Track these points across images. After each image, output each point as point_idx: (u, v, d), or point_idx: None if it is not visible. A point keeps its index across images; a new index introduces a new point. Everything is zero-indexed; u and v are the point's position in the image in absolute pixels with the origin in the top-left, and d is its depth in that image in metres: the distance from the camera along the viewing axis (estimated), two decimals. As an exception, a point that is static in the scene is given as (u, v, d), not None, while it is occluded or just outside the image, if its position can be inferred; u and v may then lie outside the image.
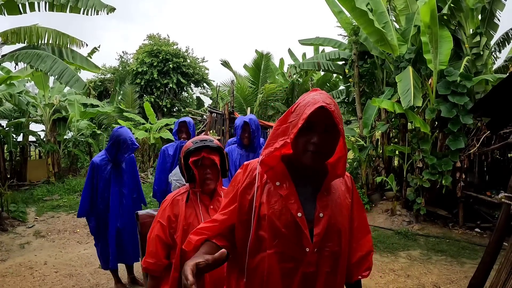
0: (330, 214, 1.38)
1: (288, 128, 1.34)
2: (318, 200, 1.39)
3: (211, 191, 2.23)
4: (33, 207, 8.86)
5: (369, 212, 8.29)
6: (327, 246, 1.36)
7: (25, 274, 5.17)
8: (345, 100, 11.07)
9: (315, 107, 1.27)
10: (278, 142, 1.34)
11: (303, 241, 1.33)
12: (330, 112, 1.29)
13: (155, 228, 2.16)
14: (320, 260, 1.35)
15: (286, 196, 1.35)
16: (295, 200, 1.35)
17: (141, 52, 18.76)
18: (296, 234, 1.33)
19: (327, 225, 1.36)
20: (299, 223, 1.33)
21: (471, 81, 6.96)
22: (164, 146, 4.70)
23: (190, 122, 4.68)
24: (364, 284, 4.94)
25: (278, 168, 1.40)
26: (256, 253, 1.37)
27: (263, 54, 15.68)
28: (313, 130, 1.32)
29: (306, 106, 1.30)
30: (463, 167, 7.21)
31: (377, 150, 9.12)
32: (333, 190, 1.44)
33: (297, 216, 1.33)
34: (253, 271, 1.38)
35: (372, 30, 8.05)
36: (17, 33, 7.78)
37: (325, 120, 1.31)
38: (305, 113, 1.27)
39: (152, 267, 2.11)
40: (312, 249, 1.33)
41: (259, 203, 1.38)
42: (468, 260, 5.63)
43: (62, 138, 13.15)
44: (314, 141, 1.31)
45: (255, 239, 1.37)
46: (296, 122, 1.30)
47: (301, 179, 1.41)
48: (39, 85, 12.18)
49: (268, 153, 1.36)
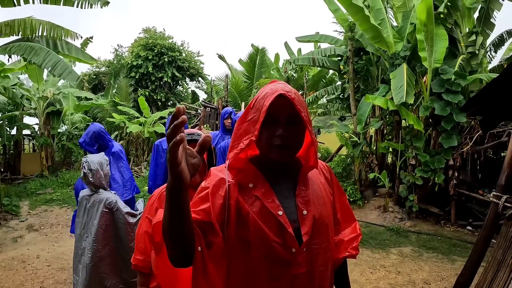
0: (313, 210, 1.30)
1: (249, 125, 1.25)
2: (297, 197, 1.30)
3: (197, 184, 2.20)
4: (27, 201, 8.84)
5: (361, 208, 8.34)
6: (315, 243, 1.28)
7: (17, 268, 5.17)
8: (340, 96, 11.07)
9: (274, 96, 1.20)
10: (242, 142, 1.25)
11: (288, 241, 1.23)
12: (290, 99, 1.21)
13: (144, 224, 2.12)
14: (312, 260, 1.27)
15: (262, 196, 1.26)
16: (272, 199, 1.26)
17: (136, 46, 18.63)
18: (280, 234, 1.23)
19: (313, 222, 1.28)
20: (282, 221, 1.23)
21: (465, 80, 7.00)
22: (157, 141, 4.64)
23: None
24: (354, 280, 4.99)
25: (248, 169, 1.31)
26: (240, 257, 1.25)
27: (259, 49, 15.65)
28: (276, 122, 1.24)
29: (264, 98, 1.23)
30: (455, 165, 7.26)
31: (370, 147, 9.15)
32: (311, 184, 1.36)
33: (278, 214, 1.24)
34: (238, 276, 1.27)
35: (368, 26, 8.06)
36: (11, 25, 7.70)
37: (286, 109, 1.23)
38: (264, 106, 1.20)
39: (142, 264, 2.09)
40: (301, 250, 1.24)
41: (235, 202, 1.26)
42: (459, 258, 5.68)
43: (56, 131, 13.10)
44: (279, 133, 1.23)
45: (237, 241, 1.25)
46: (257, 117, 1.22)
47: (275, 178, 1.32)
48: (33, 78, 12.11)
49: (234, 155, 1.26)
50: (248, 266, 1.25)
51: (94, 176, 3.06)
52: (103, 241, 2.97)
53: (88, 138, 4.13)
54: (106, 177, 3.13)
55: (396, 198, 8.05)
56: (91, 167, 3.06)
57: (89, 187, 3.12)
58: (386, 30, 8.19)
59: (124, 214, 3.03)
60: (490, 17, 8.17)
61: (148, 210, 2.15)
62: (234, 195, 1.26)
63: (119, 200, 3.10)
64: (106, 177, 3.13)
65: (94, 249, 2.96)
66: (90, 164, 3.07)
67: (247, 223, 1.24)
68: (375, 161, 8.89)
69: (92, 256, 2.96)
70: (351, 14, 8.29)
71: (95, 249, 2.96)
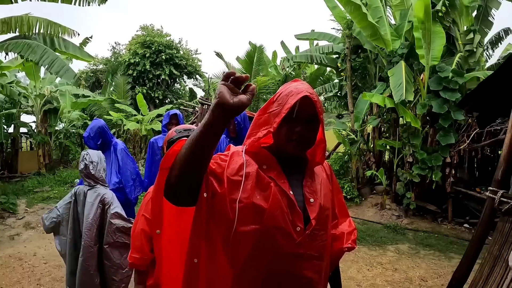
0: (319, 200, 1.40)
1: (270, 117, 1.34)
2: (304, 187, 1.40)
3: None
4: (24, 199, 8.81)
5: (358, 206, 8.35)
6: (316, 229, 1.37)
7: (14, 266, 5.16)
8: (338, 94, 11.08)
9: (299, 96, 1.28)
10: (261, 131, 1.35)
11: (295, 218, 1.32)
12: (314, 102, 1.31)
13: (140, 222, 2.11)
14: (309, 243, 1.35)
15: (276, 177, 1.35)
16: (284, 180, 1.36)
17: (134, 43, 18.61)
18: (289, 211, 1.32)
19: (319, 209, 1.38)
20: (292, 199, 1.33)
21: (463, 78, 7.02)
22: (152, 139, 4.59)
23: (180, 115, 4.64)
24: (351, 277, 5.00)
25: (262, 153, 1.41)
26: (249, 224, 1.29)
27: (256, 46, 15.61)
28: (296, 119, 1.32)
29: (289, 95, 1.31)
30: (453, 162, 7.28)
31: (368, 144, 9.16)
32: (316, 177, 1.47)
33: (290, 193, 1.33)
34: (243, 245, 1.30)
35: (365, 24, 8.05)
36: (8, 22, 7.65)
37: (308, 109, 1.32)
38: (288, 103, 1.29)
39: (139, 262, 2.07)
40: (305, 231, 1.32)
41: (256, 171, 1.34)
42: (456, 255, 5.69)
43: (53, 129, 13.06)
44: (297, 130, 1.32)
45: (251, 208, 1.29)
46: (278, 111, 1.31)
47: (285, 168, 1.41)
48: (30, 75, 12.04)
49: (252, 142, 1.37)
50: (256, 235, 1.29)
51: (95, 168, 3.02)
52: (95, 238, 2.92)
53: (93, 133, 4.10)
54: (104, 171, 3.11)
55: (393, 195, 8.07)
56: (92, 159, 3.03)
57: (87, 181, 3.07)
58: (384, 28, 8.19)
59: (111, 213, 2.93)
60: (488, 15, 8.20)
61: (144, 208, 2.13)
62: (253, 167, 1.35)
63: (114, 199, 3.04)
64: (104, 171, 3.11)
65: (86, 244, 2.92)
66: (92, 156, 3.04)
67: (268, 191, 1.32)
68: (373, 158, 8.91)
69: (83, 251, 2.92)
70: (349, 12, 8.29)
71: (87, 245, 2.92)
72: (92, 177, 3.04)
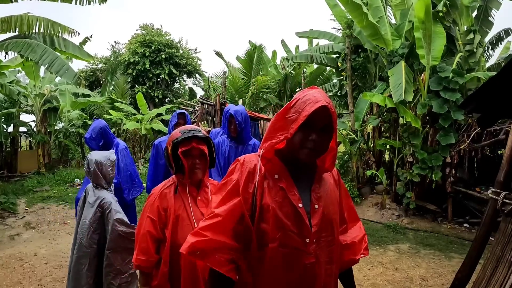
0: (324, 206, 1.42)
1: (287, 123, 1.35)
2: (312, 192, 1.43)
3: (198, 180, 2.19)
4: (24, 198, 8.81)
5: (359, 205, 8.36)
6: (322, 236, 1.40)
7: (15, 266, 5.15)
8: (338, 93, 11.08)
9: (318, 105, 1.30)
10: (278, 136, 1.37)
11: (304, 231, 1.36)
12: (331, 112, 1.33)
13: (145, 223, 2.10)
14: (318, 250, 1.38)
15: (287, 188, 1.38)
16: (294, 192, 1.39)
17: (134, 42, 18.57)
18: (297, 224, 1.36)
19: (322, 216, 1.40)
20: (301, 213, 1.36)
21: (463, 78, 7.02)
22: (156, 141, 4.47)
23: (187, 115, 4.60)
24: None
25: (275, 161, 1.43)
26: (259, 247, 1.38)
27: (256, 46, 15.61)
28: (311, 127, 1.34)
29: (306, 103, 1.32)
30: (453, 162, 7.28)
31: (368, 144, 9.17)
32: (324, 183, 1.49)
33: (298, 206, 1.37)
34: (257, 265, 1.39)
35: (366, 24, 8.05)
36: (8, 21, 7.65)
37: (324, 119, 1.34)
38: (306, 110, 1.30)
39: (144, 264, 2.07)
40: (312, 240, 1.36)
41: (260, 196, 1.38)
42: (456, 255, 5.71)
43: (53, 128, 13.05)
44: (312, 138, 1.34)
45: (256, 232, 1.37)
46: (295, 118, 1.32)
47: (294, 173, 1.44)
48: (30, 75, 12.04)
49: (268, 146, 1.39)
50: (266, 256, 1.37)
51: (91, 175, 3.03)
52: (90, 240, 2.90)
53: (95, 134, 4.08)
54: (105, 177, 3.06)
55: (393, 195, 8.08)
56: (90, 166, 3.03)
57: (92, 183, 3.09)
58: (384, 28, 8.19)
59: (114, 220, 2.86)
60: (488, 15, 8.20)
61: (149, 209, 2.13)
62: (260, 189, 1.40)
63: (114, 203, 2.99)
64: (105, 177, 3.06)
65: (80, 243, 2.91)
66: (89, 163, 3.03)
67: (267, 214, 1.37)
68: (373, 158, 8.91)
69: (77, 249, 2.91)
70: (349, 11, 8.28)
71: (81, 244, 2.90)
72: (95, 180, 3.05)
